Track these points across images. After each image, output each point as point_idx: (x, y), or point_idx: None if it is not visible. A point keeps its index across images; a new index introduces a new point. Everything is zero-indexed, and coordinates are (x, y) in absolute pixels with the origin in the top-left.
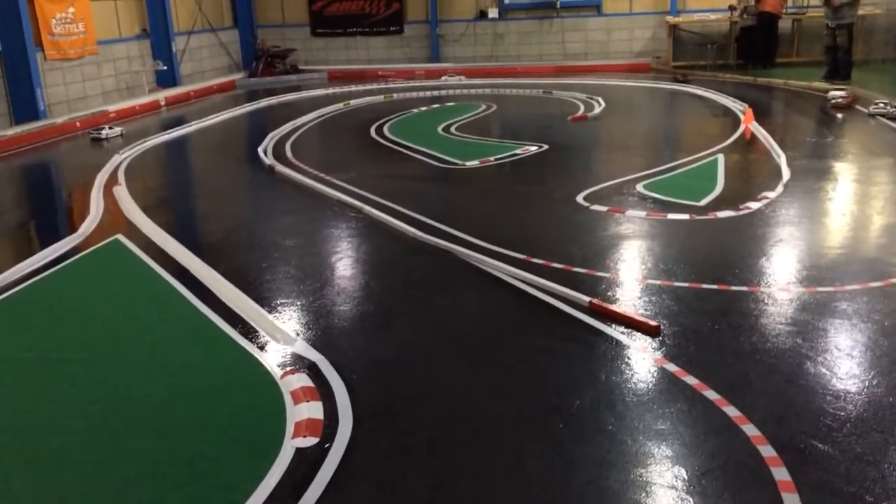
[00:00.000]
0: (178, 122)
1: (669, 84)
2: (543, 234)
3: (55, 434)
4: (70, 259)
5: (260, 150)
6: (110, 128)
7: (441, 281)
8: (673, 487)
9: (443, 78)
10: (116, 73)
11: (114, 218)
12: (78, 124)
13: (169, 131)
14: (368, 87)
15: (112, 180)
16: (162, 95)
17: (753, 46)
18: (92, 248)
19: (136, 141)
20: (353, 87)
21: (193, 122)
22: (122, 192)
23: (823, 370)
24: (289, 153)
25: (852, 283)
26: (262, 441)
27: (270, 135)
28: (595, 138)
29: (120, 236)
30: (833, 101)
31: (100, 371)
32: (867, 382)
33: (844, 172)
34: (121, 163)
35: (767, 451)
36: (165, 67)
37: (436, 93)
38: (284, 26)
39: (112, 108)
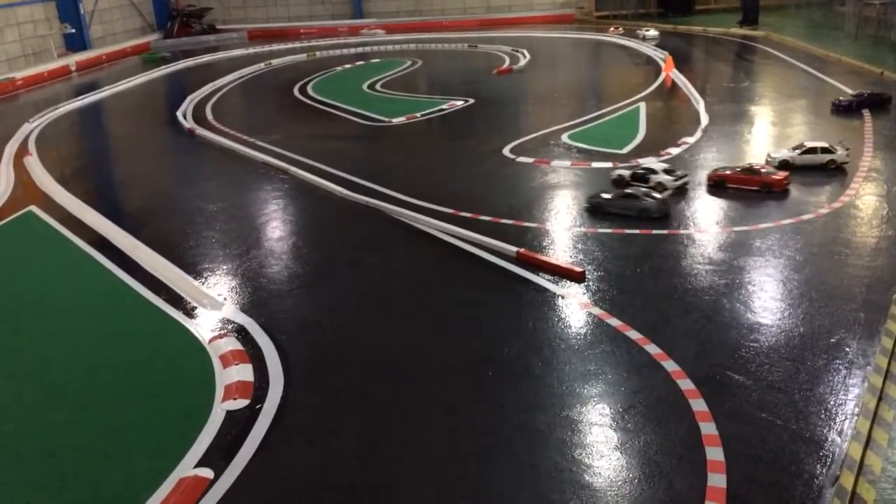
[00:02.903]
0: (91, 87)
1: (593, 34)
2: (471, 188)
3: None
4: None
5: (179, 113)
6: (647, 30)
7: (370, 239)
8: (598, 424)
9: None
10: (21, 38)
11: (27, 189)
12: None
13: (82, 97)
14: (290, 45)
15: (22, 150)
16: (72, 60)
17: None
18: (3, 222)
19: (47, 109)
20: (275, 46)
21: (107, 87)
22: (33, 163)
23: (739, 305)
24: (210, 116)
25: (766, 221)
26: (192, 406)
27: (189, 97)
28: (521, 91)
29: (34, 208)
30: None
31: (18, 347)
32: (779, 315)
33: (760, 115)
34: (31, 132)
35: (686, 384)
36: (74, 30)
37: (360, 49)
38: None
39: (19, 74)
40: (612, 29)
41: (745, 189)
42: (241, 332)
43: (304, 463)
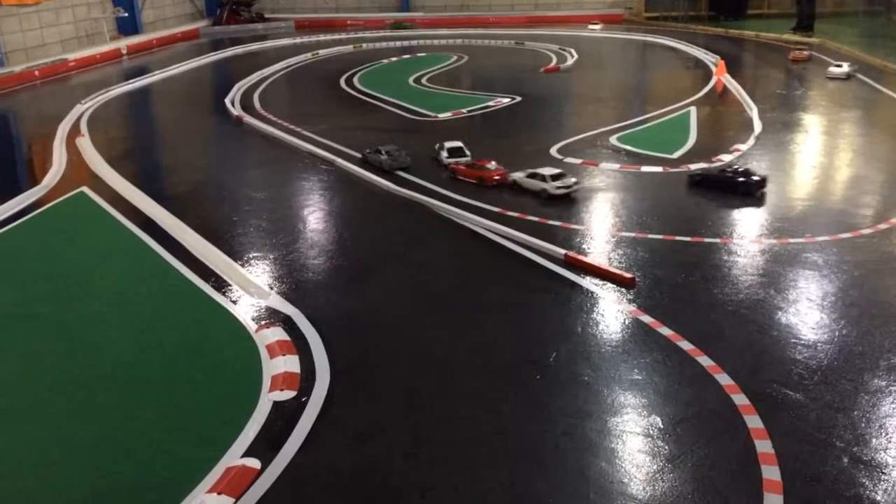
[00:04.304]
0: (142, 71)
1: (642, 35)
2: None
3: (24, 390)
4: (33, 213)
5: (227, 100)
6: (838, 65)
7: (415, 234)
8: (648, 435)
9: None
10: (75, 20)
11: (78, 170)
12: (37, 73)
13: (132, 80)
14: (337, 36)
15: (74, 131)
16: (123, 44)
17: None
18: (56, 201)
19: (98, 91)
20: (322, 37)
21: (157, 72)
22: (85, 144)
23: (795, 320)
24: (257, 104)
25: (822, 234)
26: (239, 395)
27: (237, 85)
28: (568, 90)
29: (85, 189)
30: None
31: (67, 327)
32: (837, 332)
33: (814, 125)
34: (83, 113)
35: (740, 399)
36: (126, 14)
37: (406, 43)
38: None
39: (72, 56)
40: (794, 53)
41: (468, 181)
42: (287, 323)
43: (349, 459)
